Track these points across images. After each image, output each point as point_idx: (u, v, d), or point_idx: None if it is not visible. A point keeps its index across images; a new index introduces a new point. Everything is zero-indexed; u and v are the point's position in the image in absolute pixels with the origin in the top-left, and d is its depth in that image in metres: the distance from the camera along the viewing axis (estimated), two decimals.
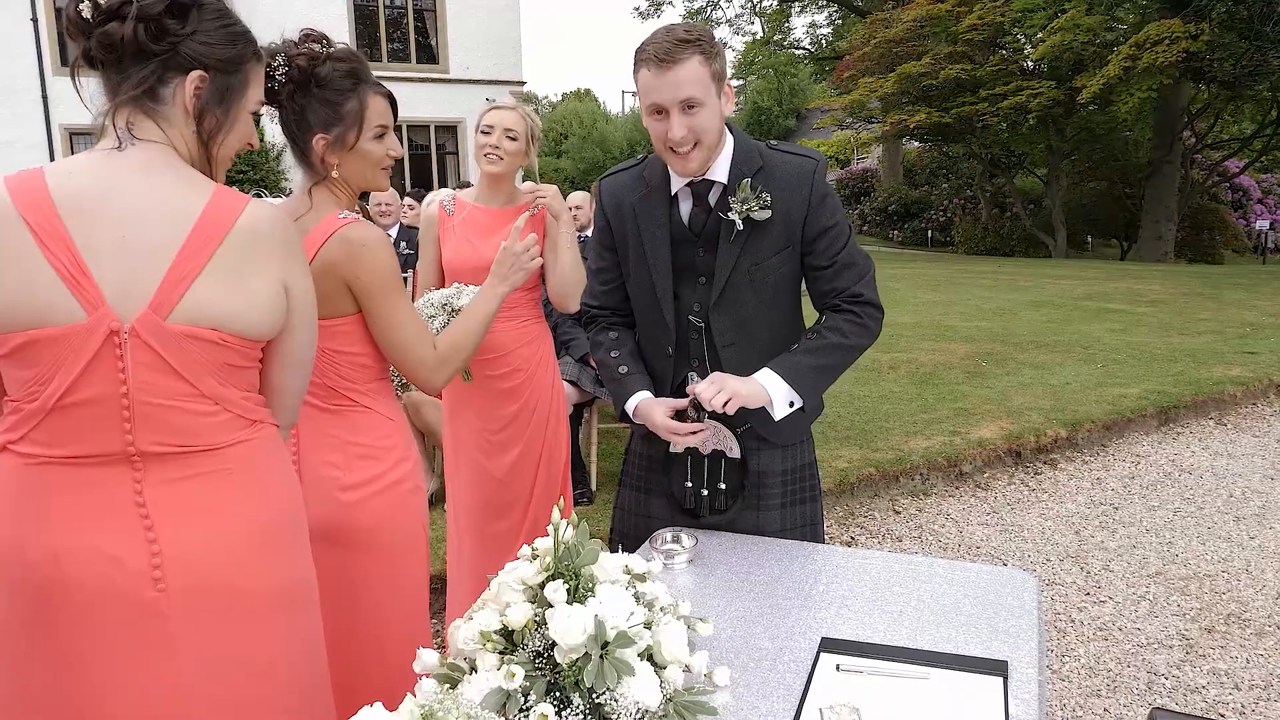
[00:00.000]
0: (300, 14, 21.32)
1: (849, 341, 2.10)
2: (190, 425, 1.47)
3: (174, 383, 1.44)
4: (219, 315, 1.45)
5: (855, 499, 5.22)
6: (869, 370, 7.78)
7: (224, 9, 1.54)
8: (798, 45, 33.76)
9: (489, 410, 3.10)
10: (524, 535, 3.10)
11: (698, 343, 2.14)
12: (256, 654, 1.55)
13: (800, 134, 39.69)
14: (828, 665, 1.62)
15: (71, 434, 1.42)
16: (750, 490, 2.20)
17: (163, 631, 1.46)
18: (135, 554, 1.43)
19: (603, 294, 2.28)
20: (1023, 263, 19.82)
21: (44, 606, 1.44)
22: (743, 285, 2.08)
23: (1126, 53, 17.99)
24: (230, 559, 1.51)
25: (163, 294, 1.41)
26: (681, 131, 1.94)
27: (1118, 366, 7.83)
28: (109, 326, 1.39)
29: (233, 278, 1.46)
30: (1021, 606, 1.82)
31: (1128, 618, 3.81)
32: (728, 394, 1.96)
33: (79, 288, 1.38)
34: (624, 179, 2.19)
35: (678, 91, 1.92)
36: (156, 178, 1.46)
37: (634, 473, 2.33)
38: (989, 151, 23.60)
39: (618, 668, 1.28)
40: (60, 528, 1.42)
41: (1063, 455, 5.95)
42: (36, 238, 1.37)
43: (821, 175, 2.08)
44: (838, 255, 2.09)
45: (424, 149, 24.08)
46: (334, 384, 2.02)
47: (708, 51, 1.94)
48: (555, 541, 1.40)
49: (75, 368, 1.39)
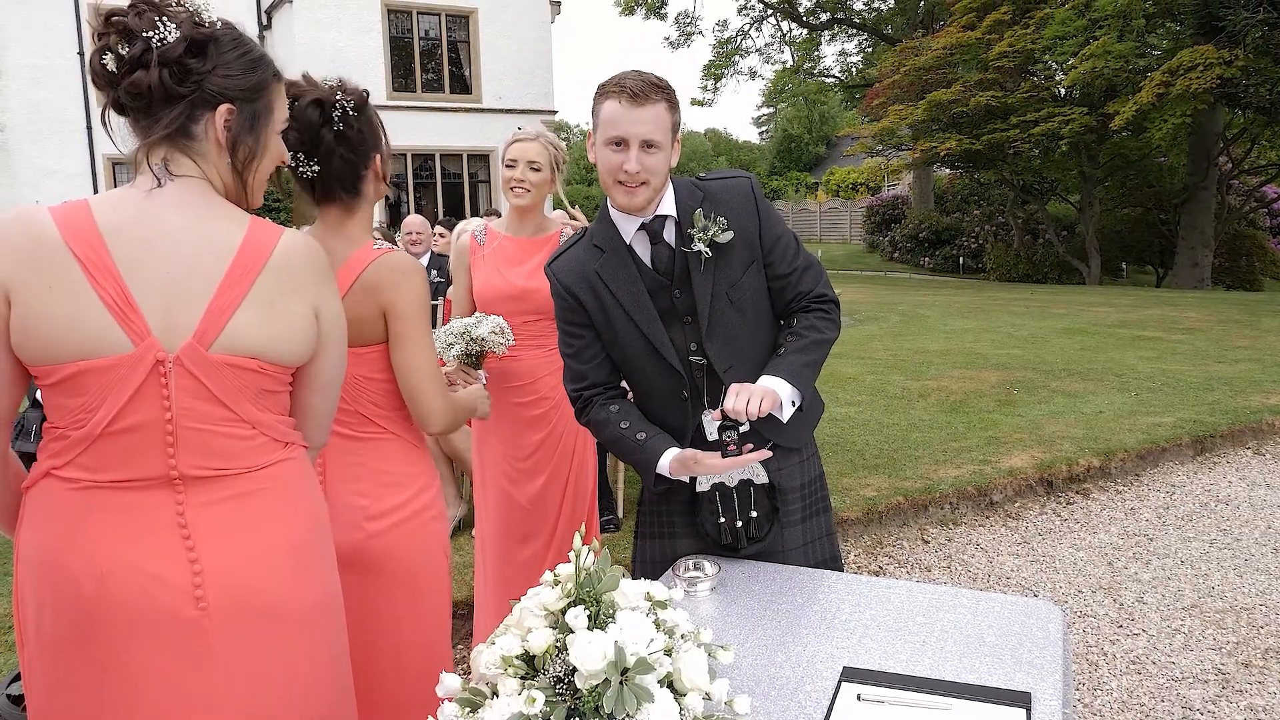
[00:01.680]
0: (337, 46, 21.89)
1: (826, 336, 2.19)
2: (229, 449, 1.52)
3: (215, 409, 1.50)
4: (257, 344, 1.51)
5: (884, 528, 5.18)
6: (898, 398, 7.74)
7: (238, 37, 1.58)
8: (827, 73, 33.88)
9: (515, 438, 3.13)
10: (549, 562, 3.12)
11: (704, 380, 2.16)
12: (292, 668, 1.60)
13: (830, 161, 39.77)
14: (849, 695, 1.61)
15: (117, 459, 1.47)
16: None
17: (203, 647, 1.50)
18: (177, 573, 1.48)
19: (588, 372, 2.21)
20: (1056, 290, 19.63)
21: (88, 625, 1.47)
22: (725, 310, 2.13)
23: (1160, 79, 17.85)
24: (268, 576, 1.55)
25: (206, 325, 1.47)
26: (636, 166, 2.01)
27: (1152, 395, 7.72)
28: (155, 357, 1.45)
29: (269, 307, 1.52)
30: (1046, 638, 1.81)
31: (1162, 651, 3.75)
32: (755, 396, 1.96)
33: (126, 319, 1.43)
34: (575, 253, 2.19)
35: (642, 129, 2.01)
36: (195, 212, 1.51)
37: (652, 523, 2.31)
38: (1021, 178, 23.44)
39: (638, 694, 1.30)
40: (104, 549, 1.47)
41: (1095, 485, 5.87)
42: (85, 270, 1.42)
43: (759, 189, 2.20)
44: (795, 259, 2.20)
45: (457, 178, 24.40)
46: (365, 410, 2.07)
47: (673, 101, 2.07)
48: (577, 568, 1.42)
49: (123, 396, 1.44)
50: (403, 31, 23.19)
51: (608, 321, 2.16)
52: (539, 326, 3.11)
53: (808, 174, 38.83)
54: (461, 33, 23.82)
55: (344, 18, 22.00)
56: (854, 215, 33.03)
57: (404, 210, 22.81)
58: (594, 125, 2.09)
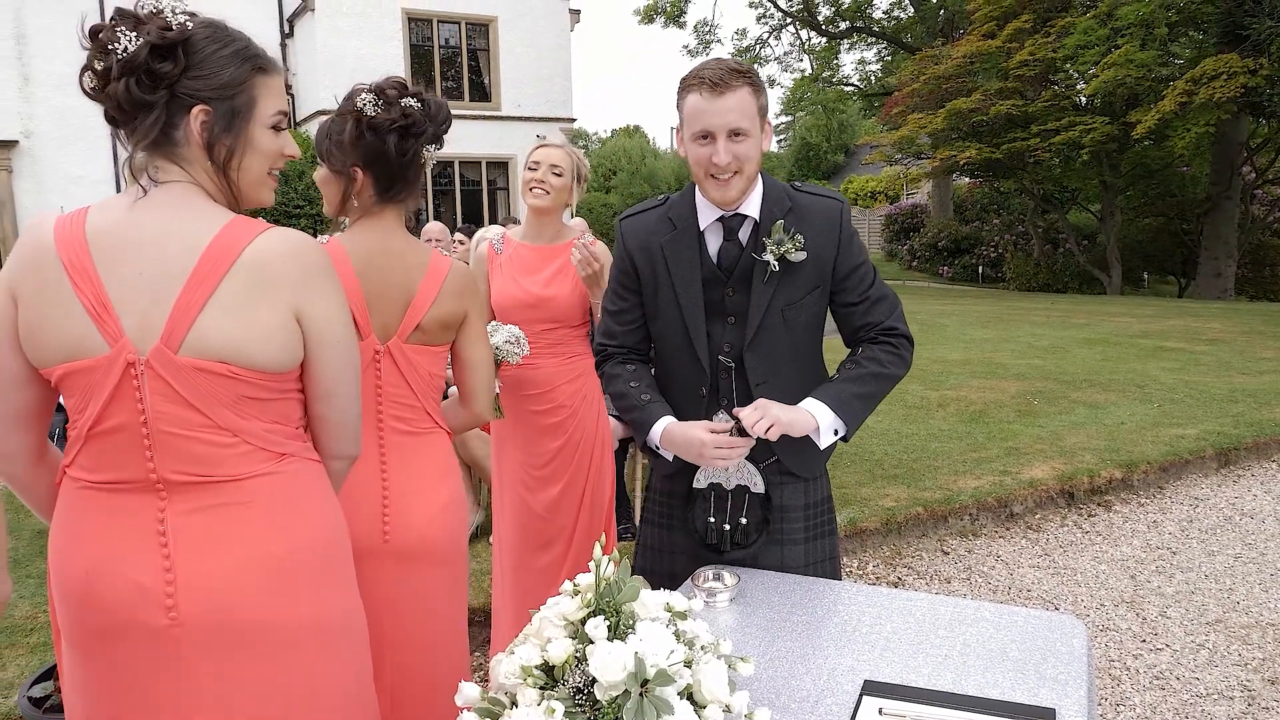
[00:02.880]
0: (358, 54, 22.02)
1: (888, 371, 2.13)
2: (210, 455, 1.49)
3: (188, 414, 1.47)
4: (227, 347, 1.46)
5: (903, 539, 5.15)
6: (917, 408, 7.69)
7: (215, 34, 1.52)
8: (847, 82, 33.78)
9: (532, 445, 3.13)
10: (566, 570, 3.11)
11: (727, 382, 2.15)
12: (268, 691, 1.53)
13: (849, 170, 39.64)
14: (870, 709, 1.60)
15: (105, 460, 1.49)
16: (774, 525, 2.20)
17: (176, 659, 1.48)
18: (153, 580, 1.47)
19: (621, 334, 2.26)
20: (1076, 299, 19.50)
21: (84, 622, 1.51)
22: (776, 326, 2.10)
23: (1182, 88, 17.71)
24: (242, 593, 1.50)
25: (171, 325, 1.45)
26: (727, 158, 1.98)
27: (1175, 406, 7.64)
28: (126, 358, 1.45)
29: (240, 309, 1.47)
30: (1070, 653, 1.78)
31: (1186, 667, 3.70)
32: (770, 420, 1.96)
33: (102, 321, 1.45)
34: (648, 219, 2.19)
35: (727, 118, 1.97)
36: (173, 213, 1.50)
37: (655, 510, 2.33)
38: (1041, 187, 23.30)
39: (657, 706, 1.29)
40: (94, 549, 1.49)
41: (1117, 497, 5.82)
42: (69, 275, 1.45)
43: (848, 216, 2.14)
44: (868, 291, 2.15)
45: (475, 184, 24.50)
46: (429, 407, 2.15)
47: (756, 84, 2.01)
48: (596, 578, 1.41)
49: (102, 397, 1.46)
50: (423, 40, 23.34)
51: (655, 296, 2.18)
52: (557, 334, 3.11)
53: (826, 182, 38.76)
54: (481, 41, 23.95)
55: (365, 26, 22.15)
56: (872, 224, 32.89)
57: (423, 217, 22.92)
58: (680, 121, 2.08)
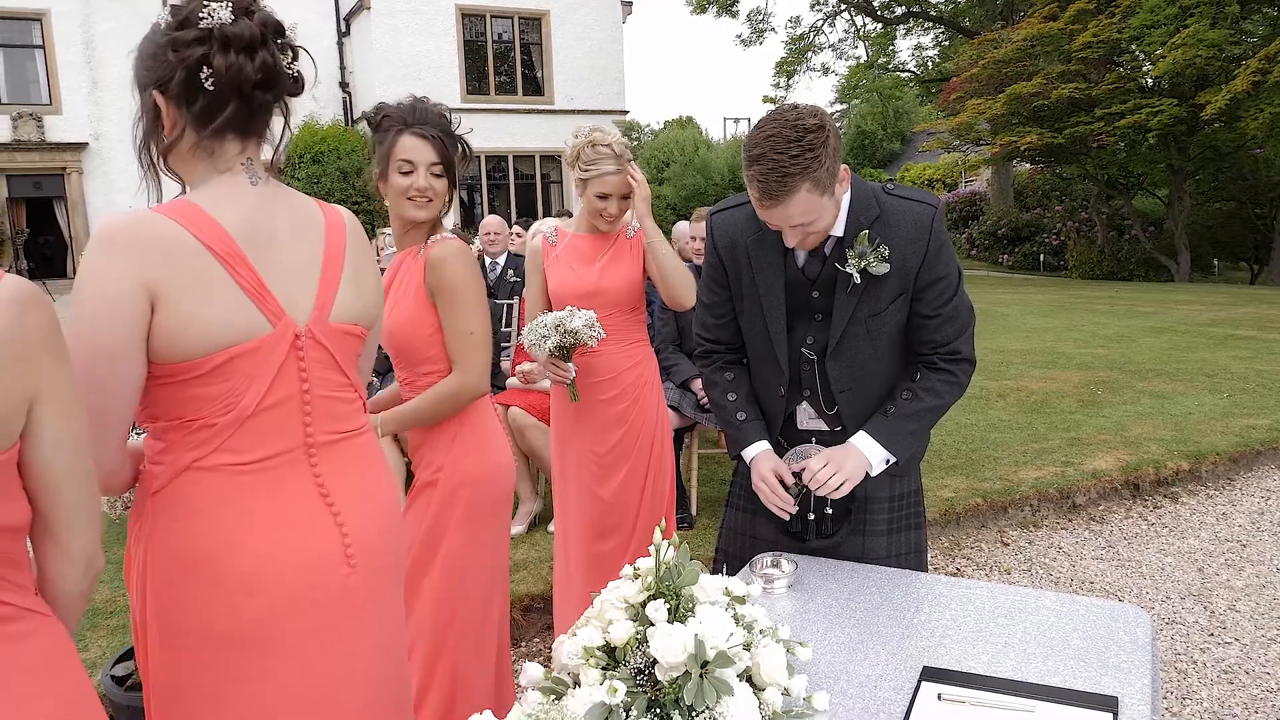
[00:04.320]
0: (413, 51, 22.27)
1: (943, 402, 2.15)
2: (344, 413, 1.67)
3: (336, 375, 1.64)
4: (355, 310, 1.68)
5: (961, 530, 5.09)
6: (977, 398, 7.58)
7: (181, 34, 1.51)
8: (903, 68, 33.24)
9: (596, 434, 3.17)
10: (629, 555, 3.15)
11: (810, 374, 2.17)
12: (397, 615, 1.80)
13: (906, 158, 39.05)
14: (929, 694, 1.60)
15: (262, 437, 1.56)
16: (857, 515, 2.21)
17: (353, 608, 1.64)
18: (331, 541, 1.60)
19: (716, 328, 2.29)
20: (1142, 287, 18.99)
21: (250, 609, 1.54)
22: (860, 335, 2.09)
23: (1255, 66, 17.12)
24: (385, 532, 1.72)
25: (321, 298, 1.62)
26: (796, 239, 1.99)
27: (1246, 396, 7.42)
28: (293, 333, 1.57)
29: (356, 277, 1.69)
30: (1134, 642, 1.77)
31: (1256, 661, 3.61)
32: (843, 478, 2.05)
33: (264, 303, 1.54)
34: (736, 217, 2.17)
35: (789, 220, 1.93)
36: (284, 196, 1.64)
37: (740, 494, 2.35)
38: (1105, 173, 22.68)
39: (717, 687, 1.31)
40: (260, 533, 1.54)
41: (1184, 489, 5.68)
42: (224, 264, 1.51)
43: (940, 223, 2.07)
44: (944, 307, 2.10)
45: (529, 178, 24.69)
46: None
47: (816, 175, 1.85)
48: (657, 562, 1.44)
49: (269, 375, 1.54)
50: (476, 35, 23.55)
51: (740, 294, 2.21)
52: (616, 320, 3.13)
53: (882, 171, 38.15)
54: (534, 35, 24.09)
55: (420, 23, 22.41)
56: None
57: (478, 212, 23.14)
58: None
